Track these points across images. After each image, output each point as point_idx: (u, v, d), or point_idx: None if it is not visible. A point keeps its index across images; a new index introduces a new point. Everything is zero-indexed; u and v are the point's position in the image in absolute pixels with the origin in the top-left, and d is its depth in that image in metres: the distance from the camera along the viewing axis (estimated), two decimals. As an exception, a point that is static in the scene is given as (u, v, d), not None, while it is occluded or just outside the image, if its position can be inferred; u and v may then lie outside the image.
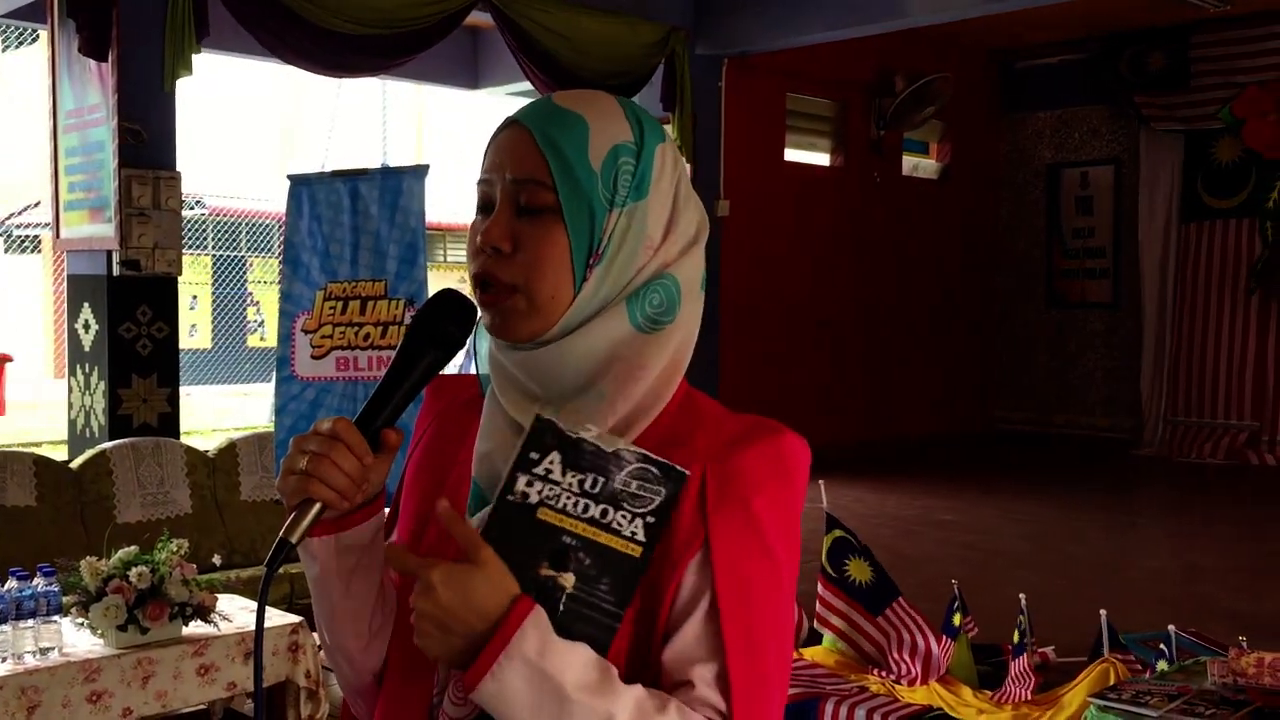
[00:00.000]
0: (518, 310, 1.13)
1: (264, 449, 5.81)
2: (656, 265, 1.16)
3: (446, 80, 8.90)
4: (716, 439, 1.14)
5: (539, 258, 1.12)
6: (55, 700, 3.61)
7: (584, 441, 1.07)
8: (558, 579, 1.05)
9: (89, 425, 5.63)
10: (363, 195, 5.19)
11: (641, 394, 1.15)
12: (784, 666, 1.14)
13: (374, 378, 5.16)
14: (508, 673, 1.00)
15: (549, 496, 1.06)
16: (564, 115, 1.14)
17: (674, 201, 1.17)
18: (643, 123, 1.16)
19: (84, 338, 5.63)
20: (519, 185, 1.13)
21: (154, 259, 5.48)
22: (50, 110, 5.74)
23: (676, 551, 1.09)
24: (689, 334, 1.19)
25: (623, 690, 1.03)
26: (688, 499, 1.09)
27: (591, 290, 1.14)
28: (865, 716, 3.64)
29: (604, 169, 1.13)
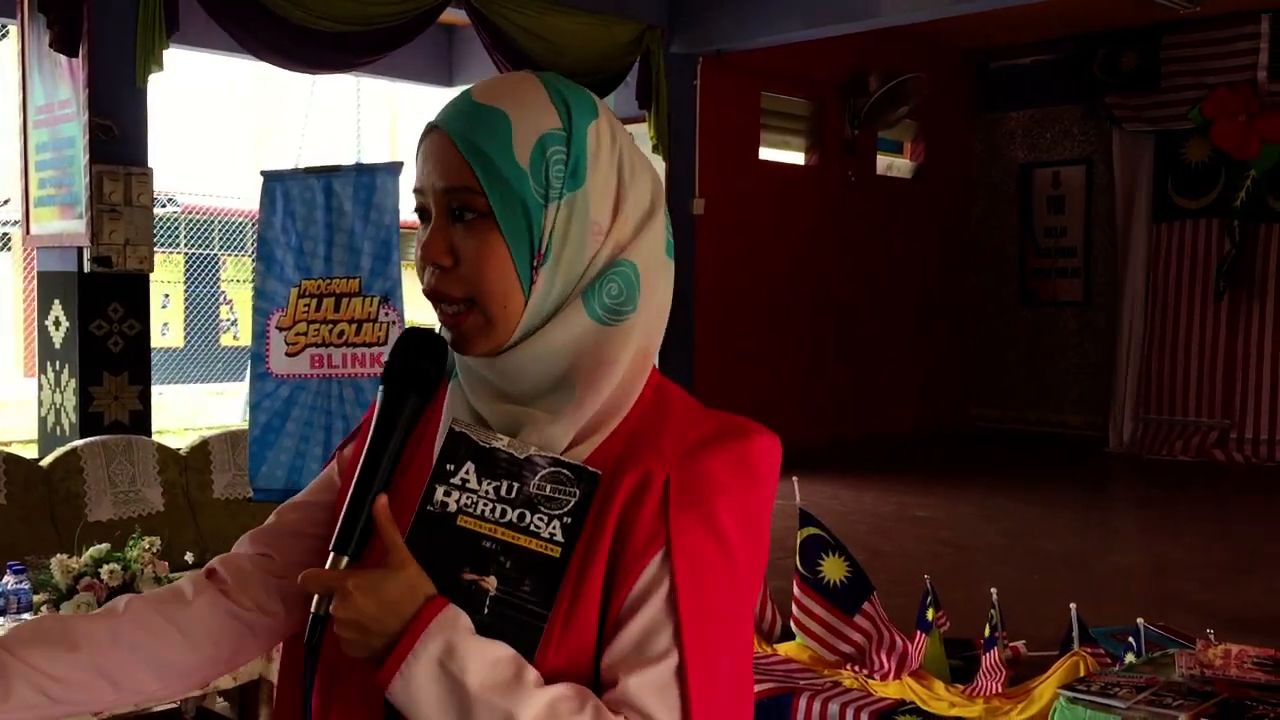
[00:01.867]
0: (475, 328, 1.11)
1: (237, 447, 5.78)
2: (610, 250, 1.12)
3: (421, 78, 8.89)
4: (683, 439, 1.11)
5: (481, 268, 1.09)
6: (25, 699, 3.59)
7: (497, 450, 1.09)
8: (480, 582, 1.07)
9: (59, 423, 5.59)
10: (336, 192, 5.18)
11: (611, 389, 1.12)
12: (739, 674, 1.11)
13: (348, 374, 5.14)
14: (416, 671, 1.01)
15: (467, 504, 1.08)
16: (483, 113, 1.09)
17: (618, 178, 1.12)
18: (569, 104, 1.11)
19: (54, 335, 5.59)
20: (449, 194, 1.09)
21: (125, 256, 5.44)
22: (20, 105, 5.69)
23: (635, 552, 1.07)
24: (657, 316, 1.16)
25: (533, 690, 1.02)
26: (649, 501, 1.08)
27: (543, 292, 1.10)
28: (838, 711, 3.65)
29: (533, 163, 1.08)
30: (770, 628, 4.32)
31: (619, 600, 1.06)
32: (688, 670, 1.04)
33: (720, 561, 1.08)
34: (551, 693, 1.02)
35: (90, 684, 1.14)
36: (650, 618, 1.05)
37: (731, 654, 1.09)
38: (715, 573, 1.08)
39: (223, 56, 7.56)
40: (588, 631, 1.07)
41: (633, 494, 1.08)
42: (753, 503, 1.12)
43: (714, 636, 1.07)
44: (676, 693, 1.04)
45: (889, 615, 4.04)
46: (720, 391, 7.92)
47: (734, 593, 1.09)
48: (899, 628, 4.00)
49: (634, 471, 1.09)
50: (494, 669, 1.02)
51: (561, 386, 1.11)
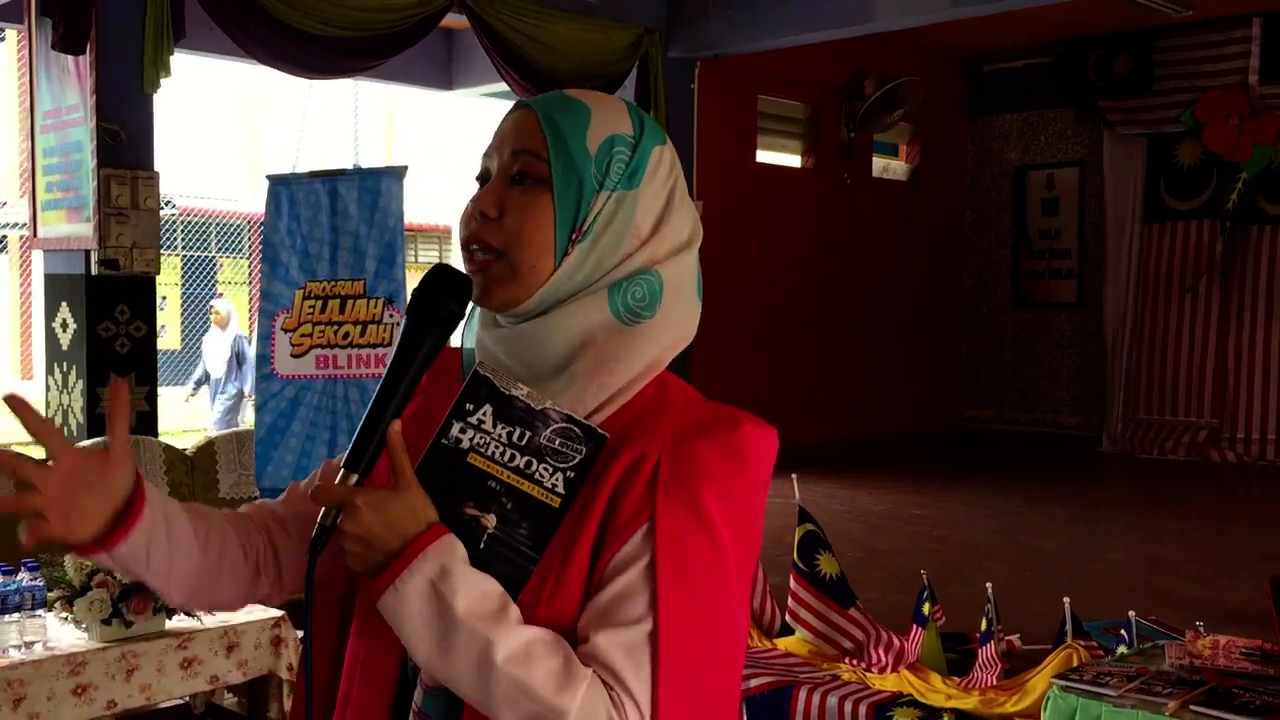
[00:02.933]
0: (499, 276, 1.17)
1: (242, 447, 5.84)
2: (643, 259, 1.20)
3: (421, 81, 8.96)
4: (680, 425, 1.17)
5: (523, 224, 1.17)
6: (41, 693, 3.65)
7: (515, 398, 1.14)
8: (480, 518, 1.13)
9: (67, 424, 5.66)
10: (341, 196, 5.25)
11: (611, 386, 1.19)
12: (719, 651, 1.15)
13: (354, 375, 5.22)
14: (408, 587, 1.07)
15: (479, 443, 1.14)
16: (570, 101, 1.20)
17: (667, 201, 1.22)
18: (645, 123, 1.21)
19: (61, 336, 5.66)
20: (516, 156, 1.18)
21: (132, 258, 5.51)
22: (27, 110, 5.76)
23: (621, 525, 1.13)
24: (678, 335, 1.23)
25: (514, 626, 1.08)
26: (640, 480, 1.13)
27: (573, 266, 1.18)
28: (837, 703, 3.73)
29: (599, 153, 1.17)
30: (770, 623, 4.40)
31: (602, 566, 1.13)
32: (660, 638, 1.09)
33: (703, 543, 1.13)
34: (530, 633, 1.09)
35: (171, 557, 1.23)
36: (627, 584, 1.11)
37: (711, 631, 1.14)
38: (697, 553, 1.13)
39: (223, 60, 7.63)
40: (574, 590, 1.13)
41: (626, 472, 1.14)
42: (740, 489, 1.17)
43: (692, 612, 1.12)
44: (647, 657, 1.09)
45: (886, 610, 4.13)
46: (717, 391, 7.92)
47: (716, 574, 1.14)
48: (895, 623, 4.09)
49: (629, 451, 1.15)
50: (481, 600, 1.08)
51: (564, 372, 1.18)
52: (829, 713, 3.74)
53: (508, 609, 1.10)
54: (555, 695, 1.07)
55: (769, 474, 1.20)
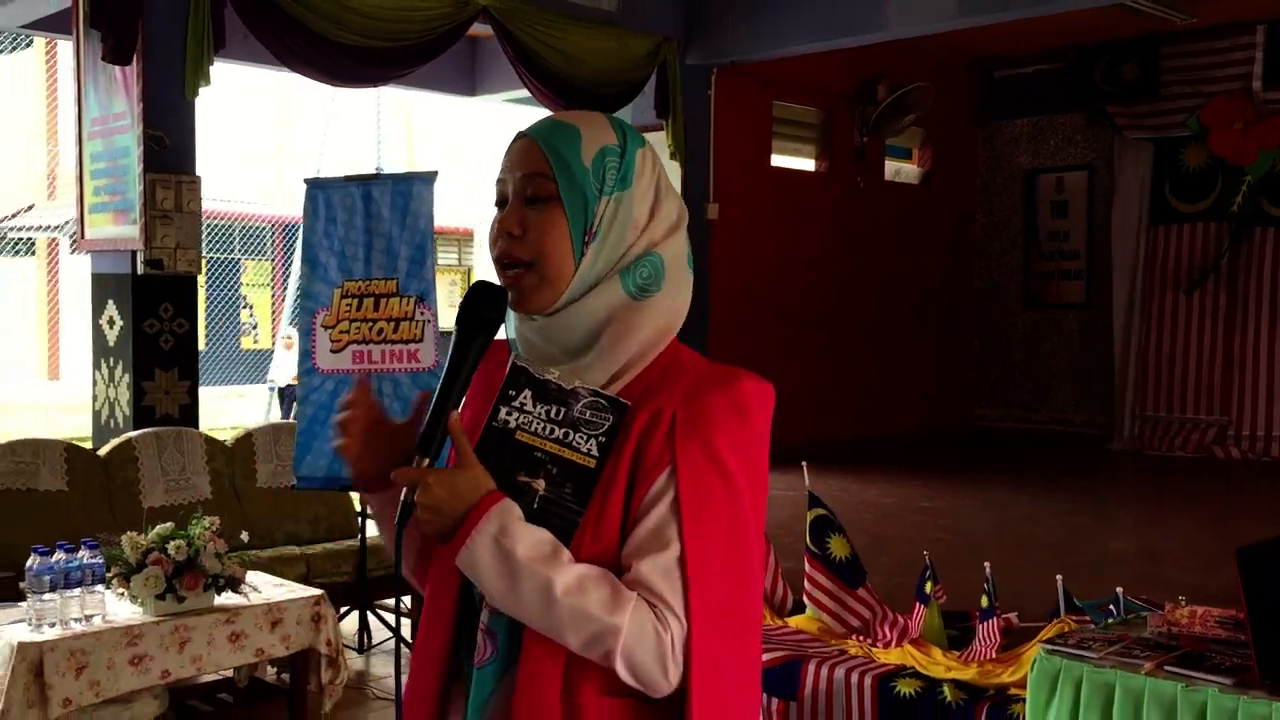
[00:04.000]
0: (532, 285, 1.43)
1: (279, 439, 6.11)
2: (644, 244, 1.45)
3: (445, 88, 9.22)
4: (690, 385, 1.42)
5: (544, 237, 1.42)
6: (101, 662, 3.90)
7: (549, 381, 1.41)
8: (531, 484, 1.39)
9: (113, 416, 5.93)
10: (375, 199, 5.50)
11: (631, 351, 1.43)
12: (738, 569, 1.39)
13: (387, 370, 5.48)
14: (477, 544, 1.33)
15: (524, 422, 1.40)
16: (561, 126, 1.46)
17: (655, 193, 1.47)
18: (626, 133, 1.48)
19: (109, 333, 5.94)
20: (527, 180, 1.43)
21: (175, 258, 5.79)
22: (76, 118, 6.04)
23: (647, 469, 1.38)
24: (677, 305, 1.48)
25: (567, 565, 1.33)
26: (659, 431, 1.38)
27: (589, 263, 1.43)
28: (844, 675, 3.96)
29: (594, 165, 1.43)
30: (781, 602, 4.65)
31: (635, 505, 1.38)
32: (687, 559, 1.35)
33: (716, 479, 1.39)
34: (581, 568, 1.35)
35: None
36: (657, 518, 1.37)
37: (728, 552, 1.39)
38: (711, 488, 1.38)
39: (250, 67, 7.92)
40: (614, 529, 1.39)
41: (646, 425, 1.40)
42: (744, 433, 1.42)
43: (711, 536, 1.37)
44: (678, 575, 1.35)
45: (891, 591, 4.36)
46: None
47: (731, 504, 1.39)
48: (900, 603, 4.32)
49: (648, 409, 1.41)
50: (537, 546, 1.34)
51: (592, 345, 1.43)
52: (836, 684, 3.97)
53: (560, 552, 1.34)
54: (609, 615, 1.33)
55: (769, 420, 1.46)
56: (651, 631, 1.34)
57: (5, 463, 5.24)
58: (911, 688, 3.81)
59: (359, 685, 5.33)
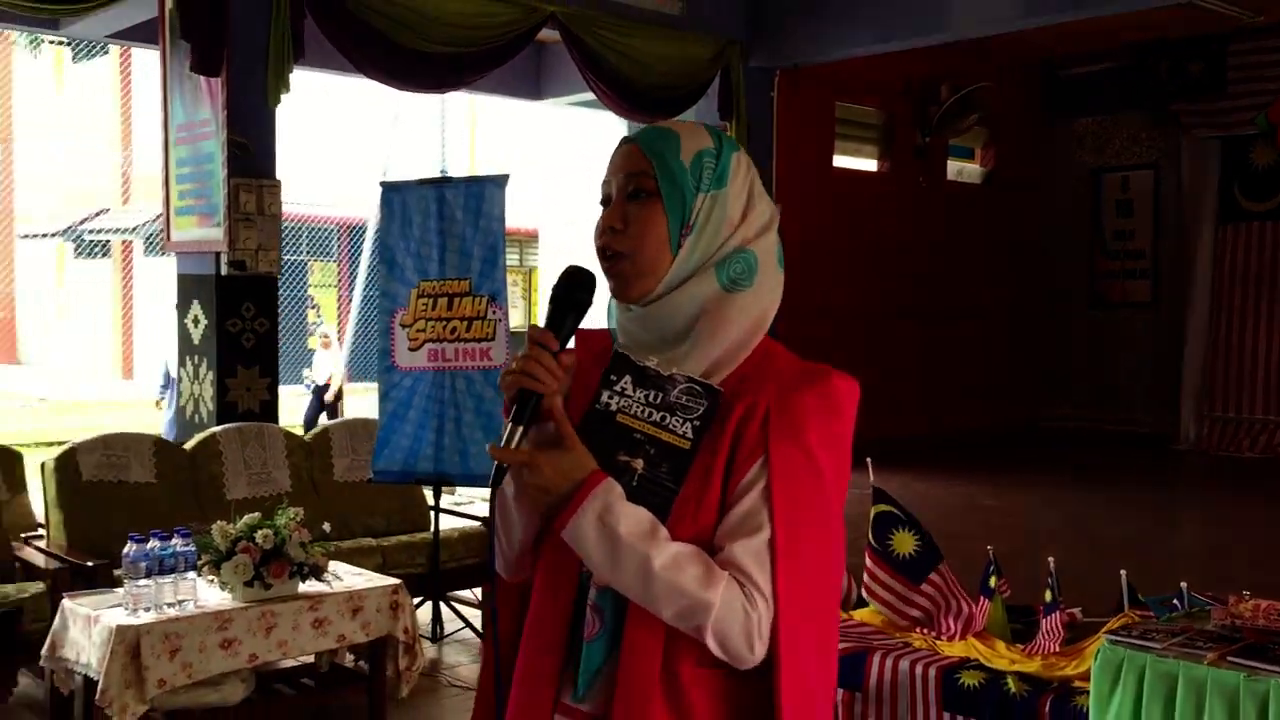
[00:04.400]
0: (630, 274, 1.54)
1: (355, 435, 6.29)
2: (738, 240, 1.56)
3: (512, 92, 9.38)
4: (782, 380, 1.53)
5: (644, 230, 1.53)
6: (193, 645, 4.08)
7: (648, 368, 1.51)
8: (630, 463, 1.50)
9: (198, 411, 6.16)
10: (449, 201, 5.67)
11: (726, 343, 1.54)
12: (824, 555, 1.50)
13: (461, 367, 5.64)
14: (581, 521, 1.44)
15: (624, 406, 1.51)
16: (662, 131, 1.58)
17: (749, 194, 1.58)
18: (721, 138, 1.59)
19: (193, 331, 6.17)
20: (629, 178, 1.55)
21: (257, 260, 6.00)
22: (162, 125, 6.28)
23: (742, 459, 1.49)
24: (770, 300, 1.59)
25: (665, 542, 1.42)
26: (754, 423, 1.48)
27: (685, 255, 1.54)
28: (909, 667, 4.04)
29: (692, 165, 1.55)
30: (846, 595, 4.73)
31: (730, 490, 1.49)
32: (776, 544, 1.46)
33: (807, 470, 1.49)
34: (677, 547, 1.46)
35: None
36: (750, 504, 1.48)
37: (814, 539, 1.49)
38: (802, 479, 1.49)
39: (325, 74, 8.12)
40: (711, 510, 1.49)
41: (743, 417, 1.50)
42: (834, 427, 1.53)
43: (799, 523, 1.48)
44: (768, 559, 1.46)
45: (957, 584, 4.40)
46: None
47: (819, 494, 1.50)
48: (966, 595, 4.37)
49: (744, 401, 1.51)
50: (637, 524, 1.45)
51: (689, 335, 1.54)
52: (901, 675, 4.04)
53: (658, 530, 1.45)
54: (702, 591, 1.43)
55: (854, 415, 1.56)
56: (740, 609, 1.44)
57: (97, 456, 5.47)
58: (975, 679, 3.87)
59: (432, 673, 5.48)
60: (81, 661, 4.14)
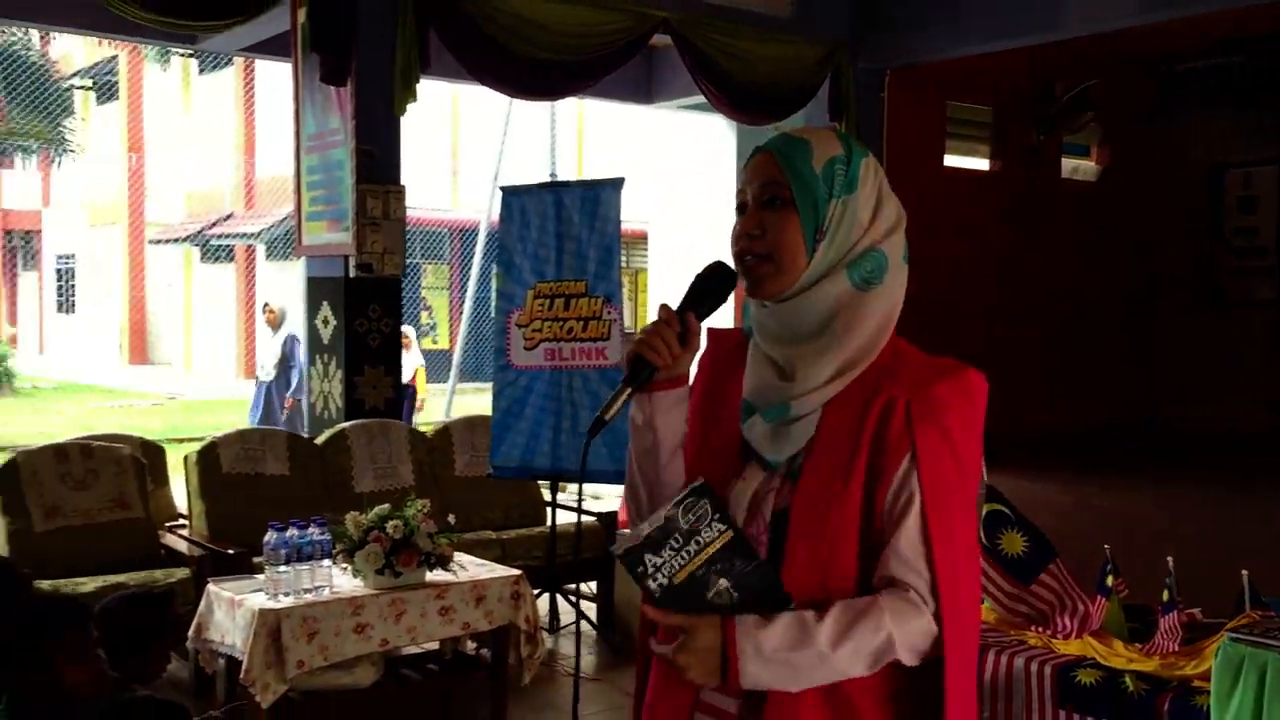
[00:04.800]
0: (767, 274, 1.65)
1: (474, 431, 6.51)
2: (868, 242, 1.65)
3: (623, 97, 9.53)
4: (917, 374, 1.63)
5: (779, 235, 1.64)
6: (329, 629, 4.29)
7: (646, 539, 1.58)
8: (718, 589, 1.58)
9: (327, 408, 6.43)
10: (566, 205, 5.85)
11: (860, 341, 1.63)
12: (968, 540, 1.61)
13: (577, 366, 5.81)
14: (748, 671, 1.53)
15: (671, 571, 1.58)
16: (794, 140, 1.69)
17: (878, 197, 1.68)
18: (850, 145, 1.69)
19: (323, 331, 6.44)
20: (764, 187, 1.66)
21: (383, 262, 6.25)
22: (294, 134, 6.57)
23: (888, 456, 1.58)
24: (897, 298, 1.68)
25: (820, 626, 1.52)
26: (895, 418, 1.58)
27: (819, 257, 1.64)
28: (1024, 664, 4.06)
29: (823, 172, 1.64)
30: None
31: (882, 489, 1.58)
32: (932, 533, 1.56)
33: (951, 459, 1.59)
34: (829, 619, 1.53)
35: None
36: (904, 502, 1.57)
37: (964, 528, 1.60)
38: (948, 469, 1.59)
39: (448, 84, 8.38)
40: (855, 509, 1.58)
41: (882, 415, 1.59)
42: (971, 417, 1.63)
43: (951, 516, 1.58)
44: (926, 555, 1.56)
45: (1069, 590, 4.38)
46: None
47: (962, 481, 1.61)
48: (1082, 592, 4.36)
49: (881, 398, 1.60)
50: (787, 634, 1.53)
51: (825, 332, 1.64)
52: (1016, 673, 4.07)
53: (804, 622, 1.52)
54: (876, 636, 1.53)
55: (985, 406, 1.66)
56: (914, 620, 1.54)
57: (236, 449, 5.76)
58: (1092, 677, 3.89)
59: (549, 663, 5.64)
60: (226, 643, 4.39)
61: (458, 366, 12.63)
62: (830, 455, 1.61)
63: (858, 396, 1.62)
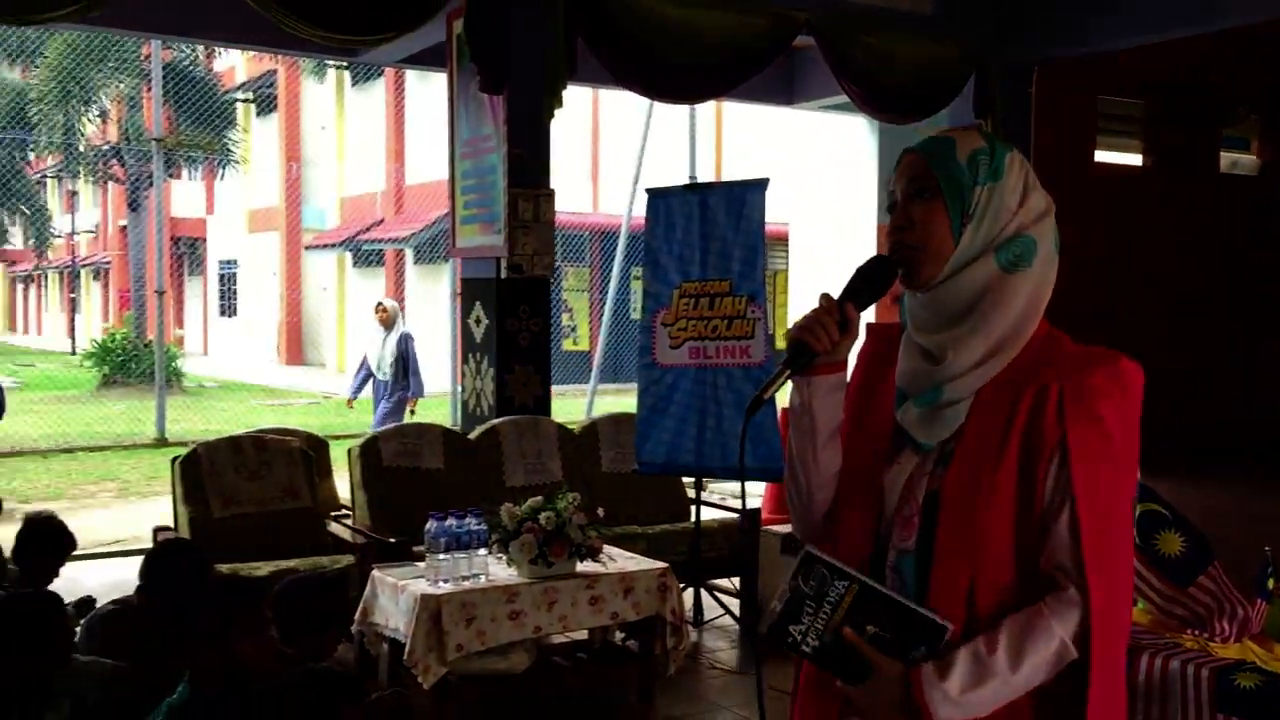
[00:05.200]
0: (919, 262, 1.72)
1: (620, 428, 6.65)
2: (1015, 226, 1.71)
3: (765, 98, 9.60)
4: (1070, 363, 1.67)
5: (928, 224, 1.71)
6: (486, 615, 4.46)
7: (782, 614, 1.66)
8: (870, 636, 1.64)
9: (479, 405, 6.66)
10: (710, 206, 5.95)
11: (1006, 324, 1.68)
12: (1128, 550, 1.66)
13: (721, 365, 5.90)
14: (941, 715, 1.57)
15: (818, 631, 1.65)
16: (939, 139, 1.77)
17: (1024, 184, 1.73)
18: (994, 140, 1.76)
19: (475, 331, 6.67)
20: (912, 182, 1.74)
21: (533, 263, 6.44)
22: (449, 140, 6.83)
23: (1040, 444, 1.61)
24: (1045, 283, 1.73)
25: (994, 657, 1.57)
26: (1048, 406, 1.62)
27: (967, 242, 1.71)
28: (1179, 667, 3.99)
29: (968, 162, 1.72)
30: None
31: (1038, 479, 1.62)
32: (1082, 526, 1.59)
33: (1104, 448, 1.62)
34: (1002, 641, 1.59)
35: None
36: (1060, 496, 1.61)
37: (1118, 519, 1.64)
38: (1100, 458, 1.62)
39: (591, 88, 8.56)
40: (1008, 499, 1.62)
41: (1034, 402, 1.64)
42: (1126, 407, 1.66)
43: (1101, 501, 1.61)
44: (1079, 547, 1.60)
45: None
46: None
47: (1115, 471, 1.64)
48: (1240, 597, 4.26)
49: (1033, 386, 1.65)
50: (968, 674, 1.58)
51: (972, 313, 1.70)
52: (1171, 676, 3.99)
53: (979, 655, 1.58)
54: (1049, 644, 1.58)
55: (1141, 396, 1.68)
56: (1075, 617, 1.60)
57: (395, 444, 6.02)
58: (1252, 681, 3.80)
59: (694, 656, 5.74)
60: (390, 626, 4.61)
61: (598, 368, 12.81)
62: (981, 440, 1.66)
63: (1010, 384, 1.67)
